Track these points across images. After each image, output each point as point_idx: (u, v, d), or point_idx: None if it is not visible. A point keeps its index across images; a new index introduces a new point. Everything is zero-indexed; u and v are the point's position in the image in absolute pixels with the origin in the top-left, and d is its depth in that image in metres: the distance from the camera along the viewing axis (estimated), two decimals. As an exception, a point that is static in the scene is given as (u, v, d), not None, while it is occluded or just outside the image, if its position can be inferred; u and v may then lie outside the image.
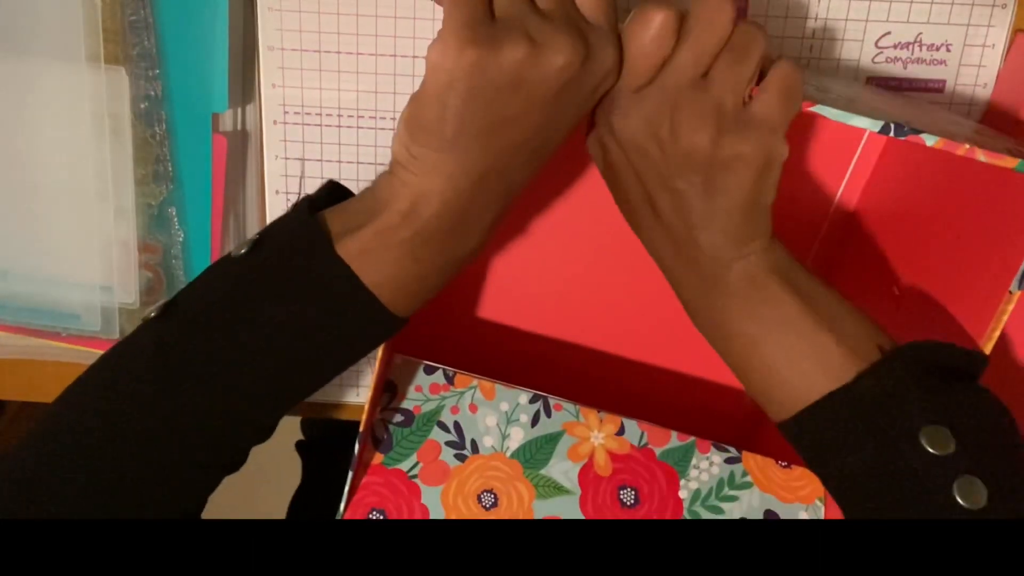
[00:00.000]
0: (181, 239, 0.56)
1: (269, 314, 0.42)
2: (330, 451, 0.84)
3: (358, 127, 0.55)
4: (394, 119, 0.55)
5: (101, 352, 0.56)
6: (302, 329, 0.43)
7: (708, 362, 0.51)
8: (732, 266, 0.44)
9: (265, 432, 0.46)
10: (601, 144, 0.46)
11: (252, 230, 0.58)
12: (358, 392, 0.61)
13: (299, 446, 0.89)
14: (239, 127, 0.56)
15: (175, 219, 0.56)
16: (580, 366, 0.64)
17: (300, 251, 0.43)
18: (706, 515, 0.52)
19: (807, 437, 0.43)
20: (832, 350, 0.42)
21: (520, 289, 0.62)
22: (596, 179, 0.59)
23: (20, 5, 0.52)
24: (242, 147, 0.56)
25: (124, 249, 0.56)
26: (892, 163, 0.57)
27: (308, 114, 0.55)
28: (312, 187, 0.56)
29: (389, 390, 0.53)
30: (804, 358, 0.43)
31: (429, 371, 0.54)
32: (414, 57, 0.53)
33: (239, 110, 0.55)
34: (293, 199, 0.56)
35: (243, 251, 0.43)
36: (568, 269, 0.62)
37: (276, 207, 0.57)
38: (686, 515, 0.52)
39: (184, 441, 0.43)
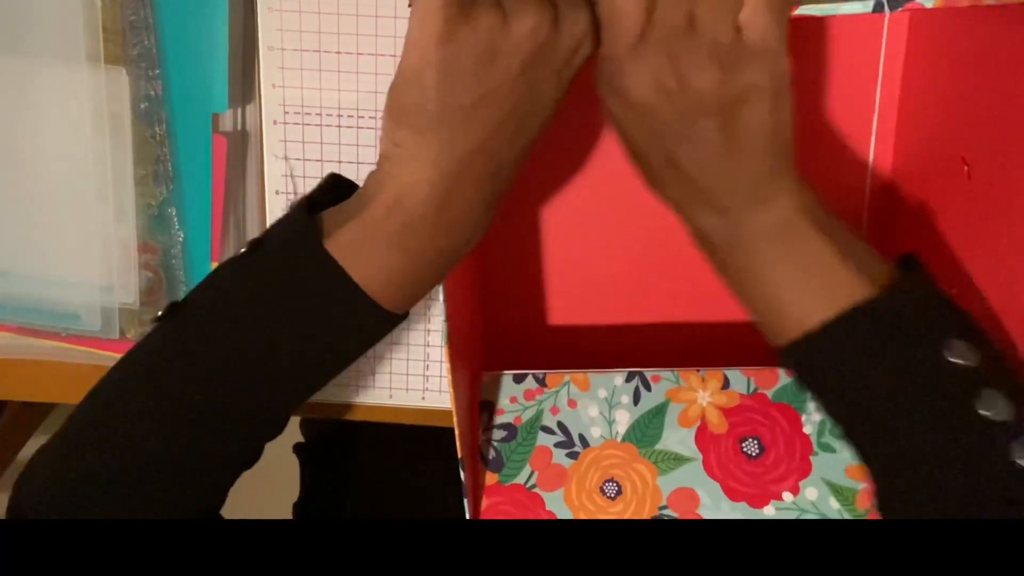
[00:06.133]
0: (181, 239, 0.56)
1: (267, 310, 0.43)
2: (330, 453, 0.84)
3: (358, 127, 0.55)
4: (394, 119, 0.55)
5: (101, 352, 0.56)
6: (298, 324, 0.43)
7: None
8: (762, 208, 0.42)
9: (279, 426, 0.47)
10: (611, 112, 0.45)
11: (252, 230, 0.58)
12: (357, 392, 0.61)
13: (297, 448, 0.88)
14: (239, 127, 0.55)
15: (175, 219, 0.56)
16: (665, 341, 0.62)
17: (292, 247, 0.43)
18: (838, 445, 0.50)
19: (822, 355, 0.42)
20: (865, 291, 0.41)
21: (583, 283, 0.61)
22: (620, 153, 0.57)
23: (20, 5, 0.52)
24: (242, 147, 0.56)
25: (124, 249, 0.56)
26: (914, 107, 0.54)
27: (308, 114, 0.55)
28: (312, 187, 0.56)
29: (486, 409, 0.52)
30: (841, 299, 0.42)
31: (519, 379, 0.53)
32: (414, 57, 0.53)
33: (239, 110, 0.55)
34: (293, 199, 0.56)
35: (243, 250, 0.44)
36: (625, 250, 0.60)
37: (276, 207, 0.57)
38: (816, 449, 0.50)
39: (204, 438, 0.44)
